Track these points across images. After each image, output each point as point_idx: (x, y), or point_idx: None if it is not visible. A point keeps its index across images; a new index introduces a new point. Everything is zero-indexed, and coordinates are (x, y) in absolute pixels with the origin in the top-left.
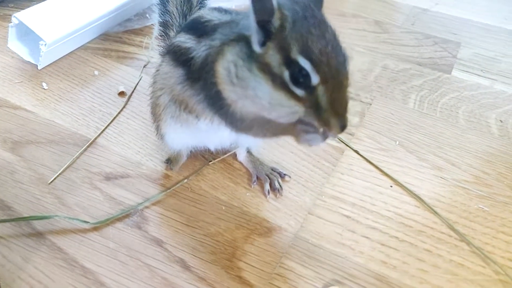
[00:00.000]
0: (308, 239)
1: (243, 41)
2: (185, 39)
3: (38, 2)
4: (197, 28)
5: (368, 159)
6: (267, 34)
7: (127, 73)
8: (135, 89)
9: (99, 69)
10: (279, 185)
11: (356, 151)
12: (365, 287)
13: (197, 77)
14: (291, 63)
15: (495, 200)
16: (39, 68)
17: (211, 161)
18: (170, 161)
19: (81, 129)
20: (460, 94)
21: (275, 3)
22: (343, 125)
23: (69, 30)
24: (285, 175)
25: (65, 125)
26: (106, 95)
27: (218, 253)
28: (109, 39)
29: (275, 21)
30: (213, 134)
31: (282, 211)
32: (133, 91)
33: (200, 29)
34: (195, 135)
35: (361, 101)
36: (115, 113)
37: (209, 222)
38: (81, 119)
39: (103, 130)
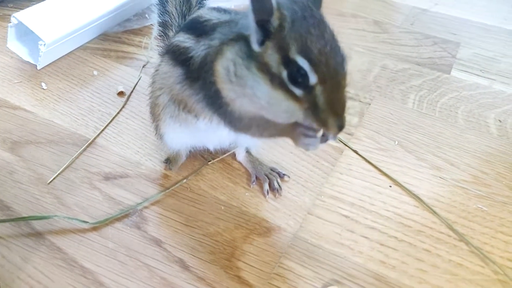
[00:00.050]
0: (307, 239)
1: (242, 40)
2: (184, 39)
3: (37, 2)
4: (196, 27)
5: (367, 159)
6: (266, 33)
7: (126, 73)
8: (134, 89)
9: (98, 69)
10: (278, 185)
11: (355, 151)
12: (364, 287)
13: (196, 77)
14: (289, 63)
15: (494, 200)
16: (38, 68)
17: (210, 161)
18: (169, 161)
19: (80, 129)
20: (459, 94)
21: (274, 2)
22: (340, 125)
23: (68, 30)
24: (284, 175)
25: (64, 125)
26: (105, 95)
27: (217, 253)
28: (108, 39)
29: (274, 21)
30: (212, 133)
31: (281, 211)
32: (132, 91)
33: (199, 29)
34: (194, 135)
35: (360, 101)
36: (114, 113)
37: (208, 222)
38: (80, 119)
39: (102, 130)
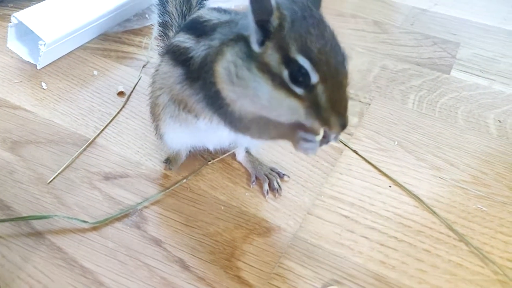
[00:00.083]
0: (307, 239)
1: (242, 41)
2: (184, 39)
3: (37, 2)
4: (196, 28)
5: (367, 159)
6: (266, 33)
7: (126, 73)
8: (134, 89)
9: (98, 69)
10: (278, 185)
11: (355, 151)
12: (364, 287)
13: (196, 77)
14: (290, 62)
15: (494, 200)
16: (38, 68)
17: (210, 161)
18: (169, 161)
19: (80, 129)
20: (459, 94)
21: (274, 2)
22: (343, 124)
23: (68, 30)
24: (284, 175)
25: (64, 125)
26: (105, 95)
27: (217, 253)
28: (108, 39)
29: (274, 21)
30: (212, 133)
31: (281, 211)
32: (132, 91)
33: (199, 29)
34: (194, 135)
35: (360, 101)
36: (114, 113)
37: (208, 222)
38: (80, 119)
39: (102, 130)
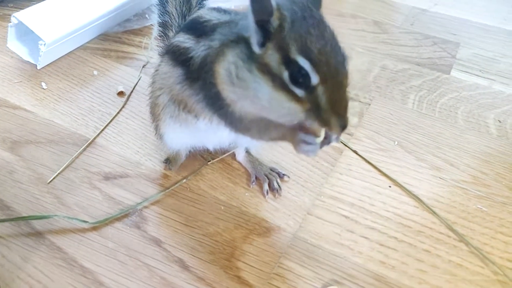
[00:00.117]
0: (307, 239)
1: (242, 42)
2: (184, 39)
3: (37, 2)
4: (196, 28)
5: (367, 159)
6: (266, 34)
7: (126, 73)
8: (134, 89)
9: (98, 69)
10: (278, 185)
11: (355, 151)
12: (364, 287)
13: (196, 77)
14: (290, 63)
15: (494, 200)
16: (38, 68)
17: (210, 161)
18: (169, 161)
19: (80, 129)
20: (459, 94)
21: (274, 3)
22: (343, 125)
23: (68, 30)
24: (284, 175)
25: (64, 125)
26: (105, 95)
27: (217, 253)
28: (108, 39)
29: (274, 21)
30: (212, 134)
31: (281, 211)
32: (132, 91)
33: (199, 29)
34: (194, 135)
35: (360, 101)
36: (114, 113)
37: (208, 222)
38: (80, 119)
39: (102, 130)
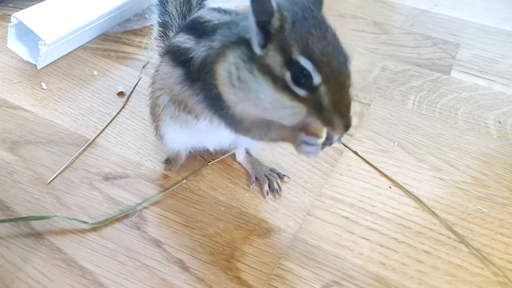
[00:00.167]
0: (307, 240)
1: (243, 43)
2: (184, 39)
3: (37, 2)
4: (196, 28)
5: (367, 160)
6: (267, 35)
7: (126, 73)
8: (134, 89)
9: (98, 69)
10: (278, 186)
11: (355, 152)
12: None
13: (196, 78)
14: (292, 64)
15: (494, 201)
16: (38, 68)
17: (210, 161)
18: (169, 162)
19: (80, 129)
20: (459, 95)
21: (275, 4)
22: (346, 125)
23: (68, 30)
24: (284, 175)
25: (64, 125)
26: (105, 95)
27: (216, 254)
28: (108, 39)
29: (275, 22)
30: (213, 134)
31: (281, 212)
32: (132, 91)
33: (199, 30)
34: (194, 136)
35: (360, 101)
36: (114, 113)
37: (207, 222)
38: (80, 119)
39: (102, 130)
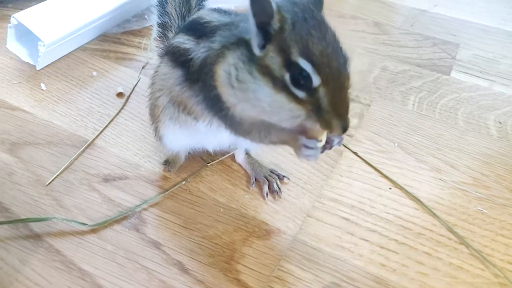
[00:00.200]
0: (307, 242)
1: (243, 44)
2: (184, 40)
3: (37, 2)
4: (196, 29)
5: (367, 161)
6: (266, 36)
7: (125, 74)
8: (133, 90)
9: (98, 70)
10: (278, 187)
11: (355, 153)
12: None
13: (196, 78)
14: (291, 65)
15: (494, 202)
16: (37, 69)
17: (210, 162)
18: (168, 163)
19: (79, 130)
20: (459, 95)
21: (275, 5)
22: (344, 126)
23: (67, 31)
24: (284, 177)
25: (63, 126)
26: (104, 96)
27: (216, 256)
28: (107, 40)
29: (275, 23)
30: (212, 135)
31: (280, 214)
32: (132, 92)
33: (199, 30)
34: (194, 137)
35: (360, 102)
36: (114, 114)
37: (207, 224)
38: (79, 120)
39: (101, 131)
